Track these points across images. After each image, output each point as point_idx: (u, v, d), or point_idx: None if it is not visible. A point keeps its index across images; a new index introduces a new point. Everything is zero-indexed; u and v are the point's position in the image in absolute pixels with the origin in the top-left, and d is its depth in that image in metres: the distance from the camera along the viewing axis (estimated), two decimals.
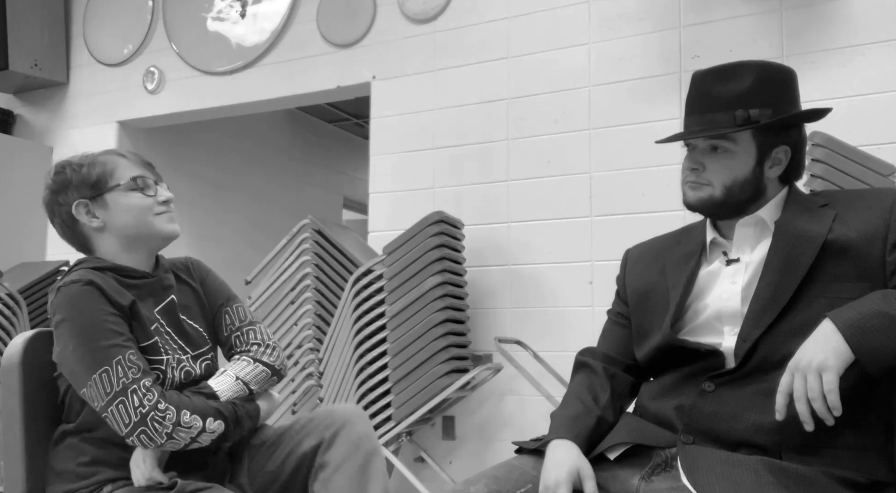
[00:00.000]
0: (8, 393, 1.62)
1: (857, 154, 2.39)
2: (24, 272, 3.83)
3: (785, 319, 1.28)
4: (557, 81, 3.13)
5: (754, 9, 2.84)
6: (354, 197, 6.32)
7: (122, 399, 1.42)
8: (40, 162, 4.34)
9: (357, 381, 2.94)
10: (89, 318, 1.47)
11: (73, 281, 1.49)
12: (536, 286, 3.08)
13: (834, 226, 1.30)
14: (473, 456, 3.16)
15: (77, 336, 1.46)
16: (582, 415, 1.39)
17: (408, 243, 2.93)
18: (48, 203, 1.63)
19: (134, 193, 1.59)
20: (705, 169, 1.38)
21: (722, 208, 1.39)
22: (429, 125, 3.37)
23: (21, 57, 4.18)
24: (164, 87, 4.09)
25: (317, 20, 3.68)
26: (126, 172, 1.60)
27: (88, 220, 1.59)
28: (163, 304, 1.63)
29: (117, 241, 1.60)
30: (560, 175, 3.09)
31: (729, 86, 1.36)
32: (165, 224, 1.62)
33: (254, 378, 1.61)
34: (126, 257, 1.61)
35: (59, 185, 1.60)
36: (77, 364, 1.46)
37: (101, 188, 1.58)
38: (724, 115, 1.35)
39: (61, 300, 1.49)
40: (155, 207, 1.60)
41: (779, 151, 1.38)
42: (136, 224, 1.59)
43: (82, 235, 1.62)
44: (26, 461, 1.59)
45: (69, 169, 1.60)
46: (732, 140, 1.36)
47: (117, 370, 1.43)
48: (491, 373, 3.03)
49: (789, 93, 1.40)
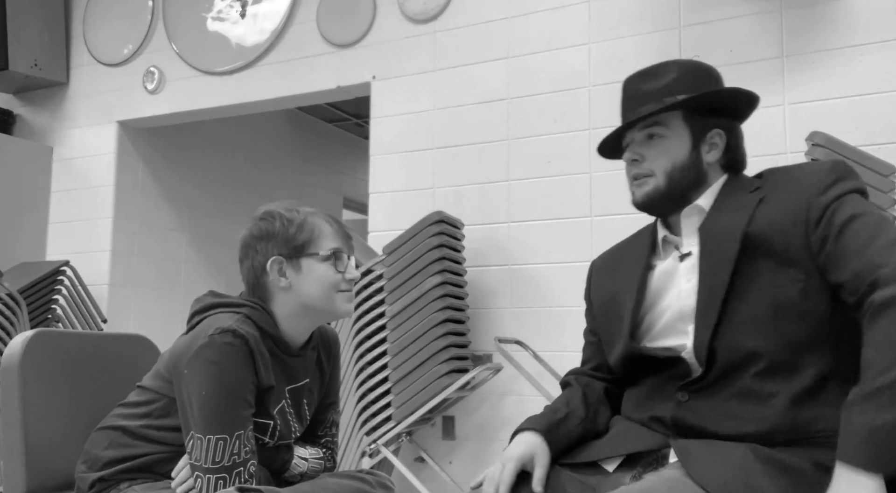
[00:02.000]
0: (8, 393, 1.62)
1: (857, 154, 2.39)
2: (24, 272, 3.83)
3: (729, 317, 1.26)
4: (557, 81, 3.14)
5: (754, 9, 2.84)
6: (354, 197, 6.32)
7: (225, 476, 1.43)
8: (40, 162, 4.35)
9: (357, 381, 2.94)
10: (237, 378, 1.46)
11: (240, 334, 1.47)
12: (536, 286, 3.08)
13: (757, 213, 1.29)
14: (473, 456, 3.16)
15: (217, 388, 1.44)
16: (548, 413, 1.40)
17: (408, 243, 2.93)
18: (245, 245, 1.63)
19: (328, 264, 1.60)
20: (644, 159, 1.39)
21: (668, 200, 1.39)
22: (429, 125, 3.37)
23: (21, 57, 4.18)
24: (164, 87, 4.09)
25: (317, 20, 3.68)
26: (328, 242, 1.61)
27: (277, 278, 1.59)
28: (296, 385, 1.65)
29: (295, 305, 1.60)
30: (560, 175, 3.09)
31: (655, 82, 1.39)
32: (343, 303, 1.62)
33: (313, 474, 1.70)
34: (292, 322, 1.60)
35: (263, 232, 1.61)
36: (200, 411, 1.45)
37: (300, 252, 1.59)
38: (654, 104, 1.37)
39: (223, 344, 1.46)
40: (341, 283, 1.61)
41: (713, 134, 1.38)
42: (319, 296, 1.59)
43: (265, 287, 1.61)
44: (26, 461, 1.60)
45: (279, 222, 1.60)
46: (665, 125, 1.38)
47: (234, 444, 1.44)
48: (491, 373, 3.03)
49: (714, 81, 1.41)
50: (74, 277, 3.86)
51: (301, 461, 1.66)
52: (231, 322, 1.49)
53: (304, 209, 1.64)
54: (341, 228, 1.66)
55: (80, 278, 3.89)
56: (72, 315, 3.83)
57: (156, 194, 4.48)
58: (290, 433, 1.64)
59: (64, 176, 4.34)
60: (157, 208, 4.49)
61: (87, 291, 3.90)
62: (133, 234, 4.30)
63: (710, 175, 1.39)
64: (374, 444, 2.87)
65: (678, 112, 1.38)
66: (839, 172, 1.28)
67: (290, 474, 1.65)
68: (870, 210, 1.23)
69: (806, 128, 2.65)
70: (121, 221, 4.21)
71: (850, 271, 1.18)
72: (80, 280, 3.89)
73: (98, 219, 4.18)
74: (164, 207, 4.54)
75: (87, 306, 3.87)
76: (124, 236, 4.23)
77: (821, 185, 1.26)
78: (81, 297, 3.86)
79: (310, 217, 1.62)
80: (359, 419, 2.93)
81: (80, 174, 4.29)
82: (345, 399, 2.97)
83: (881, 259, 1.15)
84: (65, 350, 1.76)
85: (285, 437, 1.63)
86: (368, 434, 2.90)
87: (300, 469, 1.66)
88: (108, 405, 1.68)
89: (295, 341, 1.63)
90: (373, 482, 1.63)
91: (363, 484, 1.61)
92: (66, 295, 3.84)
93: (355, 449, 2.92)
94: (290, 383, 1.63)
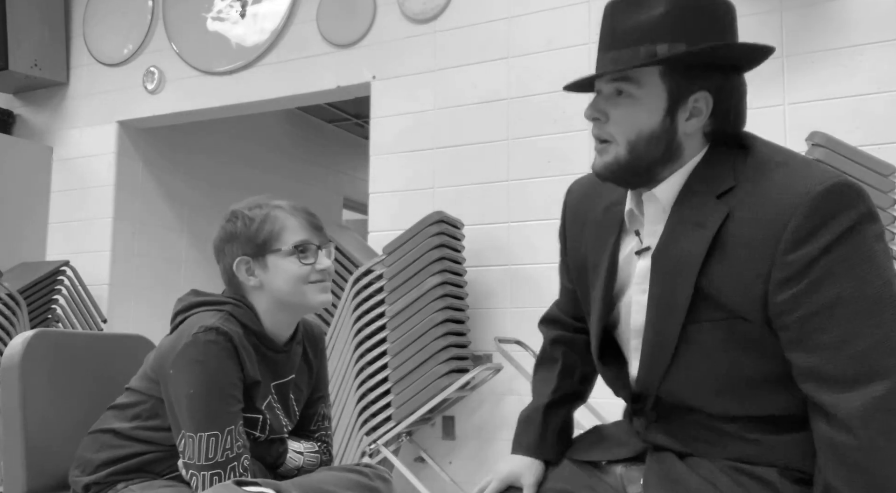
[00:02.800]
0: (8, 393, 1.62)
1: (857, 154, 2.39)
2: (24, 272, 3.83)
3: (676, 367, 1.14)
4: (557, 81, 3.13)
5: (754, 9, 2.84)
6: (354, 197, 6.32)
7: (220, 472, 1.44)
8: (40, 162, 4.35)
9: (357, 381, 2.94)
10: (223, 375, 1.47)
11: (224, 331, 1.48)
12: (536, 286, 3.08)
13: (718, 241, 1.08)
14: (473, 456, 3.16)
15: (203, 387, 1.45)
16: (532, 418, 1.37)
17: (408, 243, 2.93)
18: (216, 249, 1.65)
19: (293, 259, 1.58)
20: (608, 119, 1.15)
21: (631, 174, 1.16)
22: (429, 125, 3.37)
23: (21, 57, 4.18)
24: (164, 87, 4.09)
25: (317, 20, 3.68)
26: (292, 236, 1.59)
27: (246, 278, 1.60)
28: (282, 380, 1.65)
29: (270, 301, 1.60)
30: (560, 175, 3.09)
31: (635, 15, 1.11)
32: (317, 294, 1.60)
33: (309, 464, 1.70)
34: (272, 319, 1.61)
35: (227, 234, 1.62)
36: (189, 410, 1.45)
37: (264, 250, 1.58)
38: (629, 51, 1.10)
39: (207, 342, 1.47)
40: (311, 275, 1.59)
41: (697, 98, 1.11)
42: (288, 291, 1.58)
43: (239, 286, 1.62)
44: (26, 461, 1.59)
45: (240, 222, 1.60)
46: (636, 82, 1.12)
47: (226, 440, 1.45)
48: (491, 373, 3.03)
49: (713, 25, 1.11)
50: (74, 277, 3.86)
51: (296, 454, 1.67)
52: (214, 320, 1.50)
53: (269, 204, 1.62)
54: (308, 218, 1.63)
55: (80, 278, 3.89)
56: (72, 315, 3.83)
57: (156, 194, 4.48)
58: (281, 428, 1.64)
59: (64, 176, 4.34)
60: (157, 208, 4.49)
61: (87, 291, 3.90)
62: (133, 234, 4.30)
63: (685, 148, 1.14)
64: (374, 444, 2.87)
65: (656, 67, 1.11)
66: (825, 211, 1.01)
67: (287, 468, 1.65)
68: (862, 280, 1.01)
69: (806, 128, 2.65)
70: (121, 221, 4.21)
71: (812, 365, 1.04)
72: (80, 280, 3.89)
73: (98, 219, 4.18)
74: (164, 207, 4.54)
75: (87, 306, 3.87)
76: (124, 236, 4.23)
77: (797, 234, 1.02)
78: (81, 297, 3.86)
79: (273, 212, 1.60)
80: (359, 419, 2.93)
81: (80, 174, 4.29)
82: (345, 399, 2.97)
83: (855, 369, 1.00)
84: (65, 350, 1.76)
85: (276, 431, 1.63)
86: (368, 434, 2.90)
87: (296, 464, 1.66)
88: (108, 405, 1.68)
89: (278, 337, 1.63)
90: (371, 475, 1.63)
91: (361, 477, 1.61)
92: (66, 295, 3.84)
93: (355, 449, 2.92)
94: (275, 378, 1.63)
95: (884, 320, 1.00)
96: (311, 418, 1.77)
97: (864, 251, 1.01)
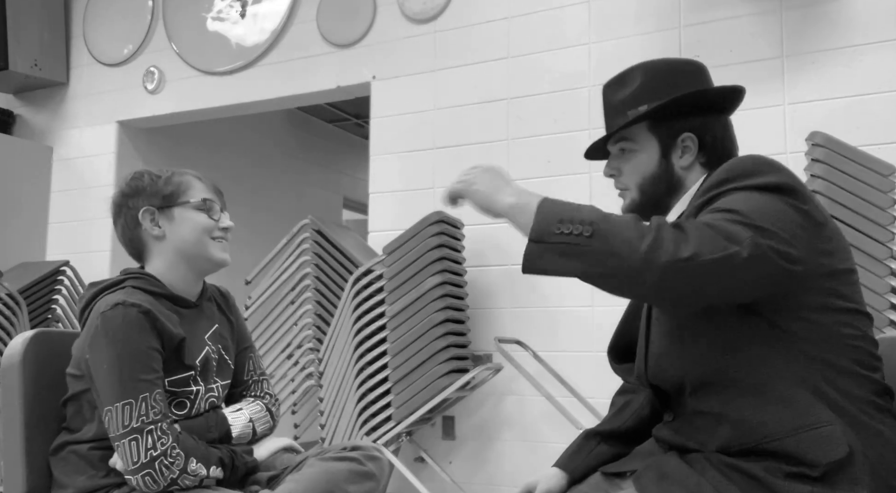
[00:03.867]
0: (8, 393, 1.62)
1: (857, 154, 2.39)
2: (24, 272, 3.83)
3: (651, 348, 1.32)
4: (557, 81, 3.14)
5: (754, 9, 2.84)
6: (354, 197, 6.32)
7: (136, 437, 1.44)
8: (40, 162, 4.35)
9: (357, 381, 2.94)
10: (134, 346, 1.48)
11: (131, 304, 1.50)
12: (536, 286, 3.08)
13: None
14: (473, 456, 3.16)
15: (115, 358, 1.47)
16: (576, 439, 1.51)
17: (408, 243, 2.93)
18: (116, 204, 1.68)
19: (200, 212, 1.64)
20: (620, 173, 1.40)
21: (646, 209, 1.38)
22: (429, 125, 3.37)
23: (21, 57, 4.18)
24: (164, 87, 4.09)
25: (317, 20, 3.68)
26: (199, 193, 1.66)
27: (151, 227, 1.63)
28: (211, 331, 1.68)
29: (172, 255, 1.63)
30: (560, 175, 3.09)
31: (621, 92, 1.39)
32: (218, 251, 1.66)
33: (261, 425, 1.71)
34: (174, 276, 1.64)
35: (132, 189, 1.66)
36: (104, 384, 1.47)
37: (171, 201, 1.64)
38: (621, 118, 1.37)
39: (115, 317, 1.49)
40: (215, 230, 1.65)
41: (684, 138, 1.35)
42: (193, 242, 1.63)
43: (140, 240, 1.65)
44: (26, 461, 1.59)
45: (147, 177, 1.66)
46: (632, 140, 1.38)
47: (140, 406, 1.45)
48: (491, 373, 3.03)
49: (683, 81, 1.37)
50: (74, 277, 3.86)
51: (237, 413, 1.65)
52: (117, 297, 1.52)
53: (174, 170, 1.70)
54: (212, 184, 1.71)
55: (80, 278, 3.89)
56: (72, 315, 3.83)
57: None
58: (213, 380, 1.64)
59: (64, 176, 4.34)
60: None
61: None
62: None
63: (686, 179, 1.37)
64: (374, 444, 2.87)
65: (644, 123, 1.36)
66: (730, 172, 1.22)
67: (240, 435, 1.63)
68: (736, 201, 1.15)
69: (806, 128, 2.65)
70: None
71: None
72: (80, 280, 3.88)
73: (98, 219, 4.18)
74: None
75: None
76: None
77: (706, 187, 1.23)
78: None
79: (178, 174, 1.68)
80: (359, 419, 2.93)
81: (80, 174, 4.29)
82: (345, 399, 2.97)
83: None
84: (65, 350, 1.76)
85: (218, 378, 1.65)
86: (368, 434, 2.90)
87: (242, 422, 1.65)
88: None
89: (187, 294, 1.65)
90: (362, 459, 1.62)
91: (353, 464, 1.60)
92: (66, 295, 3.83)
93: None
94: (204, 331, 1.65)
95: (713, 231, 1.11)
96: (242, 367, 1.77)
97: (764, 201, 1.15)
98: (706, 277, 1.07)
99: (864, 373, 1.17)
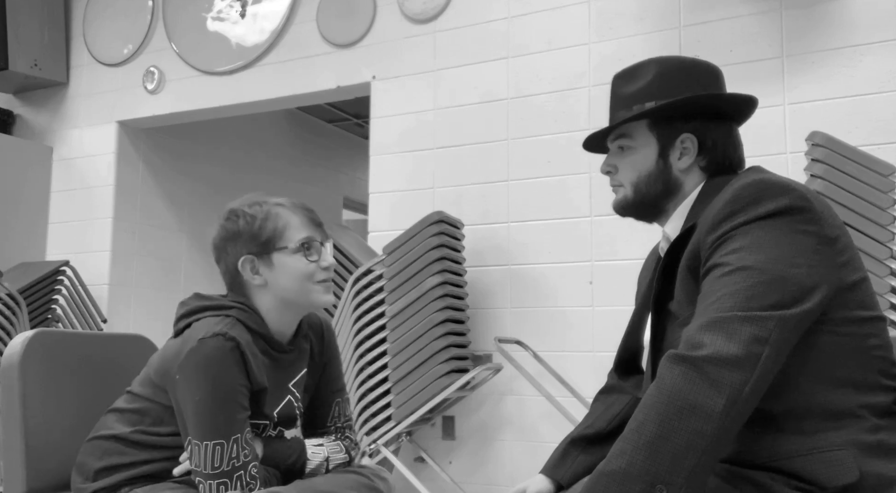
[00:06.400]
0: (8, 393, 1.62)
1: (857, 154, 2.39)
2: (24, 272, 3.83)
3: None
4: (557, 81, 3.14)
5: (754, 9, 2.84)
6: (354, 197, 6.32)
7: (226, 482, 1.43)
8: (40, 162, 4.35)
9: (357, 381, 2.94)
10: (229, 383, 1.45)
11: (230, 337, 1.46)
12: (536, 286, 3.08)
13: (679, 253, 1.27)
14: (473, 456, 3.16)
15: (208, 393, 1.44)
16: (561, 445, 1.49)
17: (408, 243, 2.93)
18: (217, 248, 1.62)
19: (299, 256, 1.57)
20: (617, 171, 1.37)
21: (639, 209, 1.37)
22: (429, 125, 3.37)
23: (21, 57, 4.18)
24: (164, 87, 4.09)
25: (317, 20, 3.68)
26: (296, 233, 1.58)
27: (251, 277, 1.58)
28: (296, 378, 1.65)
29: (275, 301, 1.59)
30: (560, 175, 3.09)
31: (631, 85, 1.35)
32: (322, 295, 1.60)
33: (335, 467, 1.67)
34: (274, 317, 1.59)
35: (230, 233, 1.59)
36: (194, 417, 1.44)
37: (269, 248, 1.56)
38: (624, 112, 1.34)
39: (213, 347, 1.45)
40: (317, 273, 1.58)
41: (683, 139, 1.32)
42: (295, 290, 1.57)
43: (242, 285, 1.61)
44: (26, 461, 1.59)
45: (242, 220, 1.58)
46: (631, 136, 1.35)
47: (232, 448, 1.43)
48: (491, 373, 3.03)
49: (694, 82, 1.34)
50: (74, 277, 3.86)
51: (319, 459, 1.63)
52: (221, 326, 1.48)
53: (268, 202, 1.61)
54: (309, 214, 1.63)
55: (80, 278, 3.89)
56: (72, 315, 3.83)
57: (156, 194, 4.48)
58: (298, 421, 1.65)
59: (64, 176, 4.34)
60: (157, 208, 4.49)
61: (87, 291, 3.90)
62: (133, 234, 4.30)
63: (684, 182, 1.34)
64: (374, 444, 2.87)
65: (645, 121, 1.33)
66: (736, 203, 1.16)
67: (312, 468, 1.63)
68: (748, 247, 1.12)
69: (806, 128, 2.65)
70: (121, 221, 4.21)
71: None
72: (80, 280, 3.89)
73: (98, 219, 4.18)
74: (164, 207, 4.54)
75: (87, 306, 3.87)
76: (124, 236, 4.23)
77: (714, 220, 1.17)
78: (81, 297, 3.86)
79: (274, 209, 1.59)
80: (359, 418, 2.93)
81: (80, 174, 4.29)
82: None
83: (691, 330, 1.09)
84: (65, 350, 1.76)
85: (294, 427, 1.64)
86: (368, 434, 2.90)
87: (320, 459, 1.64)
88: (108, 406, 1.68)
89: (283, 336, 1.62)
90: (370, 475, 1.63)
91: (362, 477, 1.61)
92: (66, 295, 3.84)
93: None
94: (290, 378, 1.63)
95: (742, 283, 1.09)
96: (326, 412, 1.74)
97: (774, 234, 1.12)
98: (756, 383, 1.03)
99: (886, 383, 1.15)
